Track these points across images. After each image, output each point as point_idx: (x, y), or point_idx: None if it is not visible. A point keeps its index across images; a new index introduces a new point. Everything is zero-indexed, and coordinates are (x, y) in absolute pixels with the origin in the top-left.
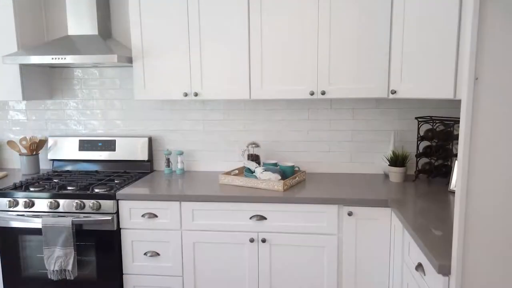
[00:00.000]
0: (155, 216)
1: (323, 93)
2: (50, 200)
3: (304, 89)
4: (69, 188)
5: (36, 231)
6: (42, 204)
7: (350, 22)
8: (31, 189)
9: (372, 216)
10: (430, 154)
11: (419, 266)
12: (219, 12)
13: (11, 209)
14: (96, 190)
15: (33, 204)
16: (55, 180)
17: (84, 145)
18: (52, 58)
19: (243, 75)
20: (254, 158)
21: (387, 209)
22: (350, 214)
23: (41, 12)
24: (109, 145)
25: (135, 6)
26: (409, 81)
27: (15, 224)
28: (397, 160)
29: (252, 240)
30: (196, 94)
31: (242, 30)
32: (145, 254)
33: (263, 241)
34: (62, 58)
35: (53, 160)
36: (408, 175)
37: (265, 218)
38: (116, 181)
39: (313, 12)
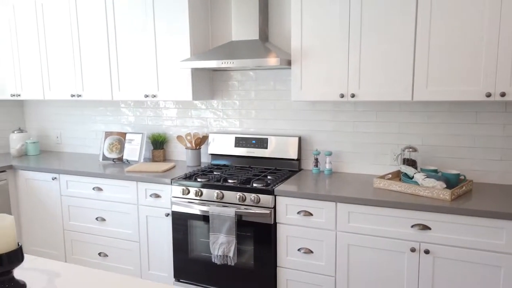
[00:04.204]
0: (310, 214)
1: (502, 95)
2: (216, 191)
3: (479, 90)
4: (229, 181)
5: (202, 218)
6: (209, 193)
7: None
8: (199, 180)
9: None
10: None
11: None
12: (383, 7)
13: (184, 196)
14: (255, 185)
15: (202, 194)
16: (217, 173)
17: (240, 142)
18: (222, 63)
19: (405, 75)
20: (410, 163)
21: None
22: None
23: (208, 21)
24: (262, 143)
25: (297, 7)
26: None
27: (186, 210)
28: None
29: (413, 250)
30: (353, 95)
31: (408, 25)
32: (298, 250)
33: (426, 252)
34: (230, 62)
35: (212, 154)
36: None
37: (429, 228)
38: (269, 177)
39: None
